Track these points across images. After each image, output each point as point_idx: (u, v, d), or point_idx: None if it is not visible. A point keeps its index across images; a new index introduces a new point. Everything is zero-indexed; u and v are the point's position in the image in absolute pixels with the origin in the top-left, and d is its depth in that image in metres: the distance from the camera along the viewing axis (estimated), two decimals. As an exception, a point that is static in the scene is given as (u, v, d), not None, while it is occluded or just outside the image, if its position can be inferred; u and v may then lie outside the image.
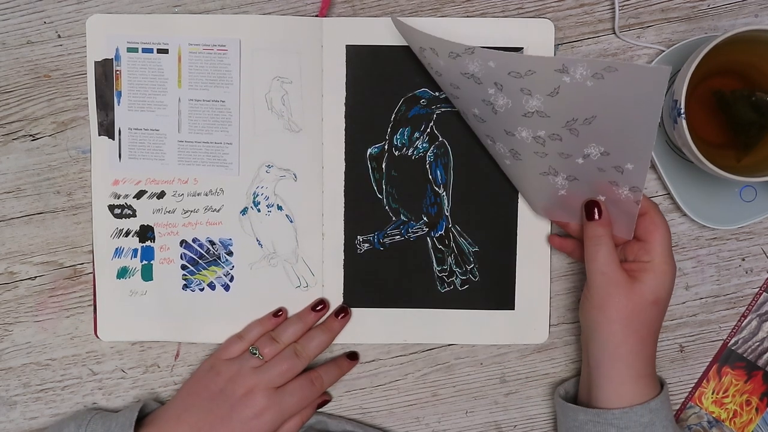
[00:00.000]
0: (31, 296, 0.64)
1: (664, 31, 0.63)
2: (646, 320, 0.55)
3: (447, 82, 0.56)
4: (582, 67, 0.49)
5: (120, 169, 0.63)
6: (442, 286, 0.64)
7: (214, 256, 0.64)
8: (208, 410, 0.58)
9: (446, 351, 0.65)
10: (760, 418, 0.65)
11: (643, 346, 0.55)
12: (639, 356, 0.55)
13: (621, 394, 0.55)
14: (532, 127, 0.54)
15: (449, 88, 0.57)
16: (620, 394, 0.55)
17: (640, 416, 0.54)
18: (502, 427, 0.66)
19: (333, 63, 0.62)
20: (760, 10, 0.63)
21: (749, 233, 0.65)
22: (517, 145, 0.56)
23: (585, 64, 0.49)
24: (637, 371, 0.55)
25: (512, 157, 0.57)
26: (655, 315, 0.55)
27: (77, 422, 0.59)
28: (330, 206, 0.63)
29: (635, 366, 0.55)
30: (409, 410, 0.66)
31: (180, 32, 0.62)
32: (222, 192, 0.63)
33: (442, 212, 0.64)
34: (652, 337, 0.56)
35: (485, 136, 0.58)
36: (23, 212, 0.64)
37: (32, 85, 0.63)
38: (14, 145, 0.63)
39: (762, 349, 0.65)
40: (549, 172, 0.56)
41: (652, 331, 0.56)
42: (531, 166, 0.57)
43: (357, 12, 0.62)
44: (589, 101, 0.50)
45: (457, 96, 0.57)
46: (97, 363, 0.65)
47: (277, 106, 0.62)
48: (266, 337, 0.61)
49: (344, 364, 0.64)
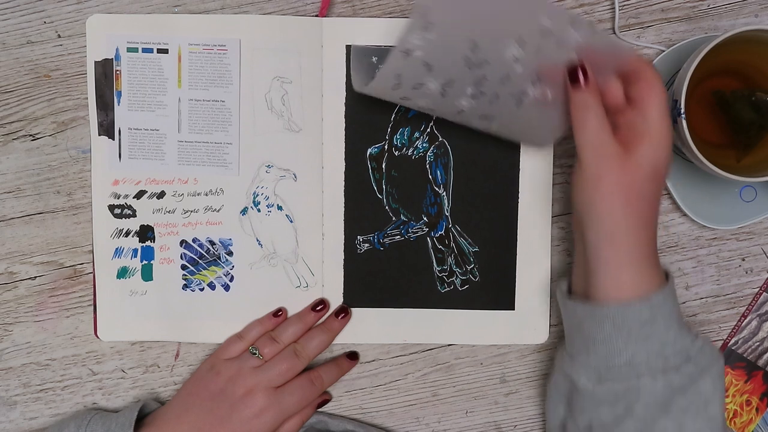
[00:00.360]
0: (31, 296, 0.64)
1: (664, 31, 0.63)
2: (645, 195, 0.50)
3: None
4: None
5: (120, 169, 0.63)
6: (442, 286, 0.64)
7: (214, 256, 0.64)
8: (208, 410, 0.58)
9: (446, 351, 0.65)
10: (760, 418, 0.65)
11: (643, 224, 0.50)
12: (639, 237, 0.50)
13: (620, 283, 0.50)
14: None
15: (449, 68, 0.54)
16: (619, 283, 0.50)
17: (639, 312, 0.49)
18: (502, 427, 0.66)
19: (333, 63, 0.62)
20: (760, 10, 0.63)
21: (749, 233, 0.65)
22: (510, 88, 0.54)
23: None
24: (638, 254, 0.50)
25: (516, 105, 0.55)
26: (653, 189, 0.50)
27: (77, 422, 0.59)
28: (330, 206, 0.63)
29: (635, 248, 0.50)
30: (409, 410, 0.66)
31: (180, 32, 0.62)
32: (222, 192, 0.63)
33: (442, 212, 0.64)
34: (652, 216, 0.51)
35: (479, 115, 0.57)
36: (23, 212, 0.64)
37: (32, 85, 0.63)
38: (14, 145, 0.63)
39: (762, 349, 0.65)
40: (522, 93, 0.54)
41: (651, 208, 0.50)
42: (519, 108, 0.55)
43: (357, 12, 0.62)
44: None
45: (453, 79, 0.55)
46: (97, 363, 0.65)
47: (277, 106, 0.62)
48: (266, 337, 0.62)
49: (344, 364, 0.64)
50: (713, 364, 0.51)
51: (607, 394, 0.51)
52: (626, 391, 0.51)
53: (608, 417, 0.51)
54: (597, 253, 0.50)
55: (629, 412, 0.50)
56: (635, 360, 0.50)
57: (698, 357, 0.51)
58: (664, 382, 0.50)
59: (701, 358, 0.51)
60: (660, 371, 0.50)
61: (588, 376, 0.53)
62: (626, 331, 0.50)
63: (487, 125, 0.57)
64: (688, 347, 0.51)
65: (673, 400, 0.50)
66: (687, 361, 0.50)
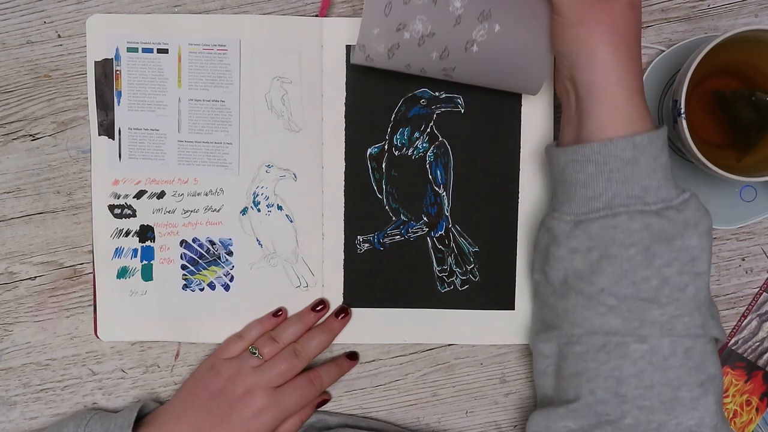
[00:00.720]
0: (31, 296, 0.64)
1: (664, 31, 0.63)
2: (628, 26, 0.50)
3: None
4: None
5: (120, 169, 0.63)
6: (442, 286, 0.64)
7: (214, 256, 0.64)
8: (207, 410, 0.58)
9: (446, 351, 0.65)
10: (760, 418, 0.65)
11: (631, 57, 0.50)
12: (629, 69, 0.50)
13: (608, 123, 0.50)
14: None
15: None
16: (607, 123, 0.50)
17: (621, 150, 0.49)
18: (502, 427, 0.66)
19: (333, 63, 0.62)
20: (760, 10, 0.63)
21: (749, 233, 0.65)
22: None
23: None
24: (628, 89, 0.50)
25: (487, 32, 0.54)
26: (634, 19, 0.51)
27: (76, 422, 0.59)
28: (330, 206, 0.63)
29: (626, 80, 0.50)
30: (409, 410, 0.66)
31: (180, 32, 0.62)
32: (222, 192, 0.63)
33: (442, 212, 0.64)
34: (637, 47, 0.51)
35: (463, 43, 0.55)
36: (23, 212, 0.64)
37: (32, 85, 0.63)
38: (14, 145, 0.63)
39: (762, 349, 0.65)
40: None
41: (635, 40, 0.51)
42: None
43: (357, 12, 0.62)
44: None
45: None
46: (97, 363, 0.65)
47: (277, 106, 0.62)
48: (266, 337, 0.62)
49: (344, 364, 0.64)
50: (700, 222, 0.50)
51: (582, 238, 0.51)
52: (601, 231, 0.50)
53: (582, 265, 0.51)
54: (589, 92, 0.51)
55: (606, 257, 0.50)
56: (614, 201, 0.50)
57: (684, 209, 0.50)
58: (641, 223, 0.49)
59: (686, 211, 0.50)
60: (638, 212, 0.50)
61: (566, 222, 0.52)
62: (607, 170, 0.50)
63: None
64: (671, 198, 0.50)
65: (653, 249, 0.49)
66: (668, 209, 0.50)
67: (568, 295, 0.52)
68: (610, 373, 0.51)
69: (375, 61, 0.55)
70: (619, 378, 0.50)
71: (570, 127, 0.53)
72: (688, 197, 0.51)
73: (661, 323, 0.50)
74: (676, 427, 0.50)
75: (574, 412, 0.52)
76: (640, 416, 0.50)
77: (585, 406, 0.52)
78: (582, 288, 0.51)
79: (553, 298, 0.54)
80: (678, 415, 0.50)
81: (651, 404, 0.50)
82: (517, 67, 0.55)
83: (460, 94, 0.62)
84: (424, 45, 0.54)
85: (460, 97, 0.62)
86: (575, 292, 0.52)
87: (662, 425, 0.50)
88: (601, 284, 0.50)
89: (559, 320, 0.54)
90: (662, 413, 0.50)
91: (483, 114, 0.63)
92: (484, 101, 0.62)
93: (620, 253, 0.50)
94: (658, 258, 0.49)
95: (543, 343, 0.55)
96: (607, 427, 0.51)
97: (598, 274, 0.50)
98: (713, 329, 0.51)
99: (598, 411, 0.51)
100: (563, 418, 0.52)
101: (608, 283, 0.50)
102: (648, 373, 0.50)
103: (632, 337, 0.50)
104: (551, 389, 0.55)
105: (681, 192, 0.51)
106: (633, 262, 0.50)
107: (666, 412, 0.50)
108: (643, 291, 0.50)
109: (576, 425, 0.52)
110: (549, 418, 0.53)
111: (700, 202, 0.51)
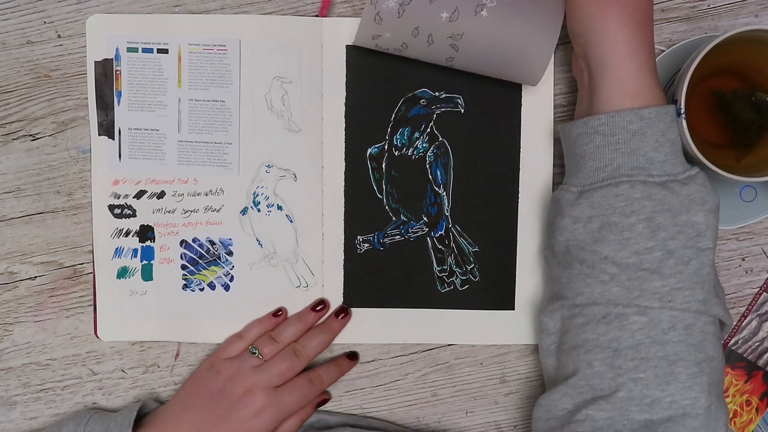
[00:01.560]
0: (31, 296, 0.64)
1: (664, 31, 0.63)
2: (638, 3, 0.52)
3: None
4: None
5: (120, 169, 0.63)
6: (442, 286, 0.64)
7: (214, 256, 0.64)
8: (207, 410, 0.58)
9: (446, 351, 0.65)
10: (760, 418, 0.65)
11: (642, 33, 0.52)
12: (640, 45, 0.51)
13: (621, 93, 0.51)
14: None
15: None
16: (621, 93, 0.51)
17: (627, 122, 0.50)
18: (502, 427, 0.66)
19: (333, 63, 0.62)
20: (760, 10, 0.63)
21: (749, 233, 0.65)
22: None
23: None
24: (640, 62, 0.51)
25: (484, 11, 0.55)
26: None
27: (76, 421, 0.59)
28: (330, 206, 0.63)
29: (637, 55, 0.51)
30: (409, 410, 0.66)
31: (180, 32, 0.62)
32: (222, 192, 0.63)
33: (442, 212, 0.64)
34: (649, 25, 0.53)
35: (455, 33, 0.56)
36: (23, 212, 0.64)
37: (32, 85, 0.63)
38: (14, 145, 0.63)
39: (762, 349, 0.65)
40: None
41: (647, 17, 0.52)
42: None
43: (357, 12, 0.62)
44: None
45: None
46: (97, 363, 0.65)
47: (277, 106, 0.62)
48: (266, 337, 0.62)
49: (344, 364, 0.64)
50: (707, 199, 0.51)
51: (584, 206, 0.52)
52: (602, 200, 0.51)
53: (584, 234, 0.51)
54: (600, 67, 0.52)
55: (607, 226, 0.50)
56: (618, 171, 0.51)
57: (689, 184, 0.50)
58: (642, 192, 0.50)
59: (693, 186, 0.50)
60: (640, 182, 0.50)
61: (572, 192, 0.53)
62: (614, 141, 0.51)
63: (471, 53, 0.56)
64: (677, 172, 0.51)
65: (657, 220, 0.50)
66: (673, 182, 0.50)
67: (572, 264, 0.53)
68: (608, 344, 0.51)
69: (383, 24, 0.55)
70: (617, 349, 0.50)
71: (583, 103, 0.55)
72: (694, 173, 0.51)
73: (661, 294, 0.50)
74: (670, 405, 0.49)
75: (571, 388, 0.52)
76: (634, 389, 0.50)
77: (582, 379, 0.52)
78: (585, 257, 0.52)
79: (558, 269, 0.55)
80: (672, 392, 0.49)
81: (646, 377, 0.50)
82: (522, 46, 0.55)
83: (460, 94, 0.62)
84: (435, 1, 0.54)
85: (460, 97, 0.62)
86: (578, 262, 0.52)
87: (656, 401, 0.49)
88: (603, 252, 0.51)
89: (563, 290, 0.54)
90: (656, 388, 0.49)
91: (483, 114, 0.63)
92: (484, 101, 0.62)
93: (621, 221, 0.50)
94: (663, 230, 0.50)
95: (547, 317, 0.55)
96: (601, 401, 0.50)
97: (600, 242, 0.51)
98: (716, 308, 0.51)
99: (593, 385, 0.51)
100: (562, 397, 0.53)
101: (610, 251, 0.50)
102: (645, 346, 0.50)
103: (632, 309, 0.50)
104: (553, 369, 0.55)
105: (688, 168, 0.51)
106: (635, 231, 0.50)
107: (660, 388, 0.49)
108: (645, 261, 0.50)
109: (572, 404, 0.52)
110: (549, 400, 0.53)
111: (707, 180, 0.52)
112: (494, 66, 0.57)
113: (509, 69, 0.57)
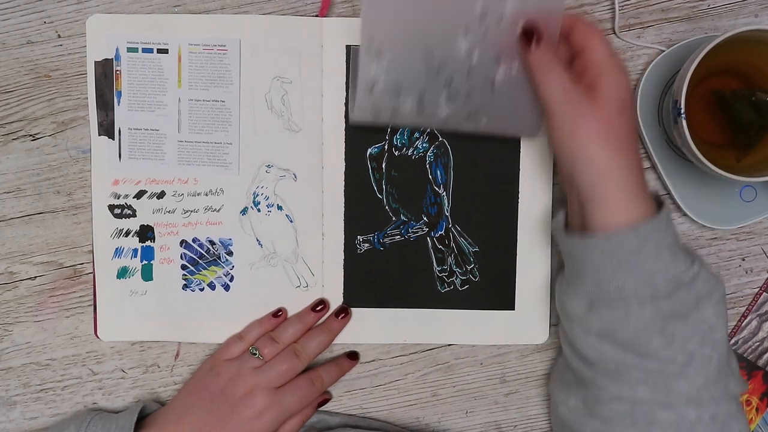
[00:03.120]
0: (31, 296, 0.64)
1: (664, 31, 0.63)
2: (621, 129, 0.51)
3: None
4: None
5: (120, 169, 0.63)
6: (442, 286, 0.64)
7: (214, 256, 0.64)
8: (208, 411, 0.58)
9: (446, 351, 0.65)
10: (760, 418, 0.65)
11: (628, 156, 0.51)
12: (627, 169, 0.51)
13: (612, 215, 0.51)
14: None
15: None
16: (611, 216, 0.51)
17: (625, 242, 0.50)
18: (502, 427, 0.66)
19: (333, 63, 0.62)
20: (760, 10, 0.63)
21: (749, 233, 0.65)
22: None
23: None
24: (628, 186, 0.51)
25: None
26: (626, 122, 0.52)
27: (77, 423, 0.59)
28: (330, 206, 0.63)
29: (625, 181, 0.51)
30: (409, 410, 0.66)
31: (180, 32, 0.62)
32: (222, 192, 0.63)
33: (442, 212, 0.64)
34: (633, 146, 0.52)
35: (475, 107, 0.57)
36: (23, 212, 0.64)
37: (32, 85, 0.63)
38: (14, 145, 0.63)
39: (762, 349, 0.65)
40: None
41: (630, 139, 0.52)
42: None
43: (357, 12, 0.62)
44: None
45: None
46: (97, 363, 0.65)
47: (277, 106, 0.62)
48: (266, 338, 0.62)
49: (344, 364, 0.64)
50: (713, 291, 0.51)
51: (596, 324, 0.52)
52: (614, 320, 0.51)
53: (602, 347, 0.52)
54: (591, 193, 0.51)
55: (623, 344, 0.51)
56: (624, 289, 0.51)
57: (694, 284, 0.51)
58: (652, 310, 0.50)
59: (698, 284, 0.51)
60: (648, 299, 0.50)
61: (579, 303, 0.53)
62: (614, 260, 0.50)
63: (475, 125, 0.58)
64: (681, 275, 0.51)
65: (671, 328, 0.50)
66: (678, 287, 0.50)
67: (595, 368, 0.53)
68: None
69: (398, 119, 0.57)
70: None
71: (574, 207, 0.55)
72: (697, 271, 0.51)
73: (687, 394, 0.50)
74: None
75: None
76: None
77: None
78: (607, 366, 0.52)
79: (577, 361, 0.55)
80: None
81: None
82: (517, 125, 0.58)
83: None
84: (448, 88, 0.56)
85: (460, 97, 0.62)
86: (601, 369, 0.52)
87: None
88: (626, 362, 0.51)
89: (586, 383, 0.54)
90: None
91: (483, 114, 0.63)
92: (484, 101, 0.62)
93: (637, 337, 0.50)
94: (678, 335, 0.50)
95: (565, 394, 0.56)
96: None
97: (620, 357, 0.51)
98: (735, 388, 0.52)
99: None
100: None
101: (633, 362, 0.51)
102: None
103: (659, 406, 0.51)
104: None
105: (690, 265, 0.51)
106: (653, 345, 0.50)
107: None
108: (669, 368, 0.50)
109: None
110: None
111: (710, 272, 0.52)
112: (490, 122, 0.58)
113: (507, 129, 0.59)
